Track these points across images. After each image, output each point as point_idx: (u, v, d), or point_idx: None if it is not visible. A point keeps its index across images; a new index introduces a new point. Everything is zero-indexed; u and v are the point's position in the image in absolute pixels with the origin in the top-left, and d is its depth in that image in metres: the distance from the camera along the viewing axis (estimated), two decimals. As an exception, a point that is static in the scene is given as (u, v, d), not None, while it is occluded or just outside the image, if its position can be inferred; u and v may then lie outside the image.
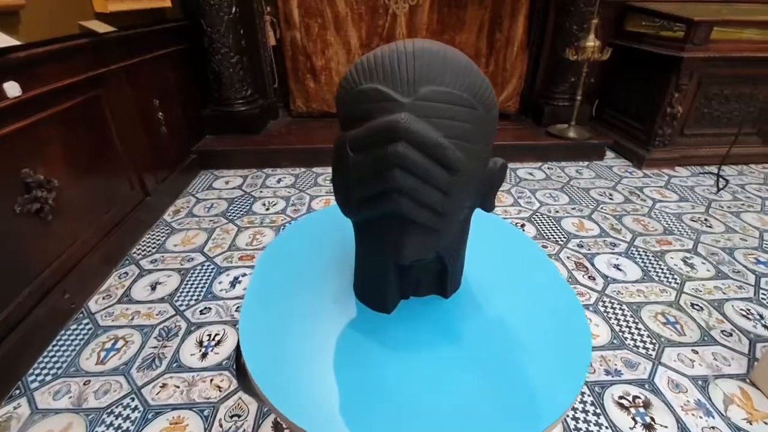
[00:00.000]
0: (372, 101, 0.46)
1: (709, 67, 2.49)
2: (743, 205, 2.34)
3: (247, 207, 2.27)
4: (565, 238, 2.01)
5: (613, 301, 1.62)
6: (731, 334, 1.47)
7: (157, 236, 2.00)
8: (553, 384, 0.50)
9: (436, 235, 0.50)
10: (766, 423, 1.18)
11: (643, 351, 1.41)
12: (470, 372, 0.52)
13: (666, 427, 1.17)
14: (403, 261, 0.51)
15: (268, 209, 2.26)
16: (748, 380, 1.31)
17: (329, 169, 2.71)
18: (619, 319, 1.53)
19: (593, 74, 2.90)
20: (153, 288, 1.66)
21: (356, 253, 0.61)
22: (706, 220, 2.19)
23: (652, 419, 1.19)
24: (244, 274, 1.73)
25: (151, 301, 1.59)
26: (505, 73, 3.01)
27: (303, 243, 0.76)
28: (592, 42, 2.55)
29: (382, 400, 0.49)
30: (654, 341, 1.44)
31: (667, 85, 2.55)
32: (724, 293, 1.67)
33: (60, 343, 1.41)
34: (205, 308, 1.55)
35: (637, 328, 1.49)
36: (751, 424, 1.18)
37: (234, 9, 2.54)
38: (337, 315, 0.60)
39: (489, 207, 0.57)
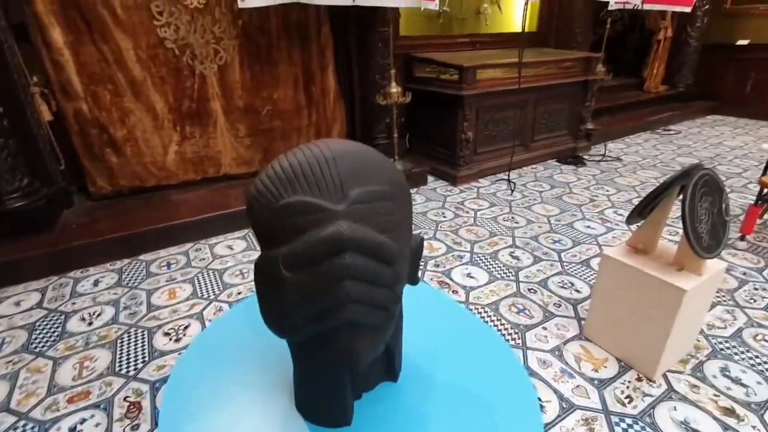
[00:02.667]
0: (300, 214, 0.43)
1: (480, 100, 3.17)
2: (530, 200, 3.02)
3: (59, 329, 1.76)
4: (423, 261, 2.22)
5: (477, 306, 1.86)
6: (560, 305, 1.86)
7: None
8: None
9: (386, 329, 0.49)
10: (605, 367, 1.52)
11: (513, 342, 1.65)
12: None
13: (549, 401, 1.39)
14: (360, 367, 0.48)
15: (90, 323, 1.79)
16: (583, 337, 1.67)
17: (161, 254, 2.35)
18: (487, 322, 1.76)
19: (402, 114, 3.34)
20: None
21: (296, 369, 0.54)
22: (513, 217, 2.73)
23: (540, 399, 1.39)
24: (83, 420, 1.32)
25: None
26: (327, 121, 3.18)
27: (216, 362, 0.63)
28: (395, 88, 2.94)
29: None
30: (517, 330, 1.71)
31: (456, 117, 3.13)
32: (544, 273, 2.10)
33: None
34: (33, 492, 1.12)
35: (502, 324, 1.74)
36: (597, 371, 1.50)
37: (-18, 83, 1.98)
38: (292, 450, 0.51)
39: (416, 281, 0.59)
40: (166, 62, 2.61)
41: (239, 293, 1.97)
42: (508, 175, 3.33)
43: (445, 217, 2.76)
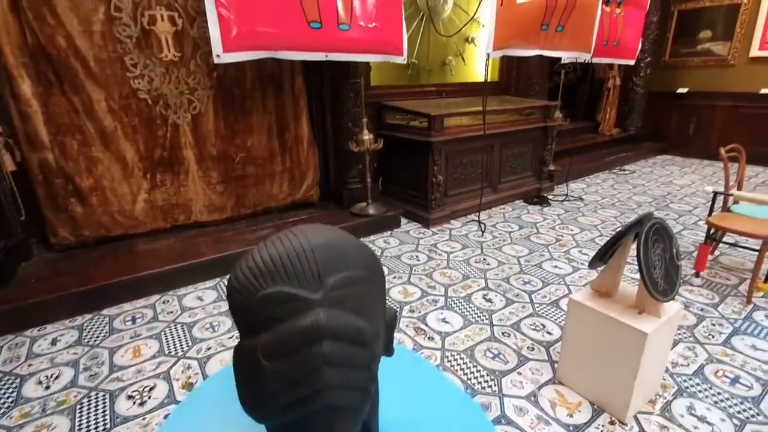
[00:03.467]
0: (280, 304, 0.45)
1: (449, 146, 3.31)
2: (500, 240, 3.12)
3: (14, 394, 1.63)
4: (398, 307, 2.22)
5: (453, 353, 1.86)
6: (533, 348, 1.90)
7: None
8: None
9: (364, 408, 0.51)
10: (579, 411, 1.54)
11: (489, 390, 1.66)
12: None
13: (528, 451, 1.39)
14: (338, 449, 0.48)
15: (48, 387, 1.67)
16: (557, 381, 1.70)
17: (126, 308, 2.26)
18: (464, 369, 1.77)
19: (375, 160, 3.43)
20: None
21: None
22: (484, 259, 2.80)
23: (518, 450, 1.39)
24: (34, 502, 1.21)
25: None
26: (301, 167, 3.23)
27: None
28: (367, 136, 3.05)
29: None
30: (492, 377, 1.72)
31: (427, 161, 3.26)
32: (516, 316, 2.15)
33: None
34: None
35: (478, 371, 1.75)
36: (572, 416, 1.52)
37: (-59, 136, 1.93)
38: None
39: (391, 352, 0.61)
40: (138, 112, 2.62)
41: (209, 348, 1.90)
42: (478, 217, 3.44)
43: (419, 260, 2.80)
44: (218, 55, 2.24)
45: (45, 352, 1.89)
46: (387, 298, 2.31)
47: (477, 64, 4.42)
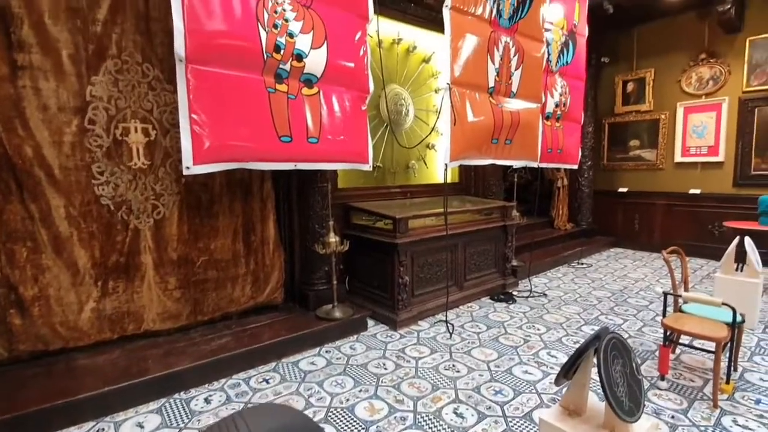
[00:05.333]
0: None
1: (414, 247, 3.40)
2: (468, 343, 3.06)
3: None
4: (363, 429, 2.05)
5: (424, 485, 1.69)
6: (509, 473, 1.76)
7: None
8: None
9: None
10: None
11: None
12: None
13: None
14: None
15: None
16: None
17: (54, 438, 1.97)
18: (435, 505, 1.60)
19: (340, 261, 3.44)
20: None
21: None
22: (453, 365, 2.71)
23: None
24: None
25: None
26: (266, 268, 3.18)
27: None
28: (333, 238, 3.10)
29: None
30: None
31: (393, 262, 3.29)
32: (489, 433, 2.03)
33: None
34: None
35: (451, 507, 1.58)
36: None
37: None
38: None
39: None
40: (98, 218, 2.56)
41: (145, 493, 1.64)
42: (446, 317, 3.40)
43: (386, 368, 2.67)
44: (188, 167, 2.30)
45: None
46: (352, 415, 2.15)
47: (438, 166, 4.76)
